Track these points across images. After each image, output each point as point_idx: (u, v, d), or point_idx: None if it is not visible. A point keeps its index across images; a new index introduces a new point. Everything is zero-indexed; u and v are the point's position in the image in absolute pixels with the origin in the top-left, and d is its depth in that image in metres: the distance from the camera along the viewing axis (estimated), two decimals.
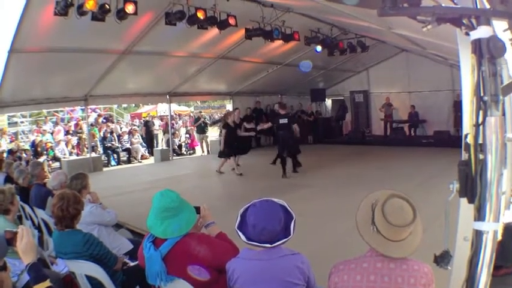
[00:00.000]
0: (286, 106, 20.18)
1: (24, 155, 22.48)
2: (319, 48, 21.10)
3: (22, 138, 31.43)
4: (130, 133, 28.94)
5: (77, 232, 5.83)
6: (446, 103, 27.99)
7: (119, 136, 27.95)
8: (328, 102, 36.00)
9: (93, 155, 24.54)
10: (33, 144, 25.22)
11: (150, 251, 4.49)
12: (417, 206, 3.49)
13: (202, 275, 4.44)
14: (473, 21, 2.69)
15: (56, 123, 29.74)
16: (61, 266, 6.50)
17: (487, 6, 2.76)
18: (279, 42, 19.31)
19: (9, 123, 33.50)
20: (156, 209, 4.61)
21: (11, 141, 28.61)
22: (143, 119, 38.06)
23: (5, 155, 19.79)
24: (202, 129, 30.06)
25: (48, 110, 31.79)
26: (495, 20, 2.79)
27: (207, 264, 4.48)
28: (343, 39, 22.64)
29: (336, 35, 22.07)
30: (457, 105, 24.99)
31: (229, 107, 31.30)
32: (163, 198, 4.63)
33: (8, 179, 11.90)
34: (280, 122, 18.24)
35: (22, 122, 34.58)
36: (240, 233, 4.17)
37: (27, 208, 9.38)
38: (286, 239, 4.13)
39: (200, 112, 38.31)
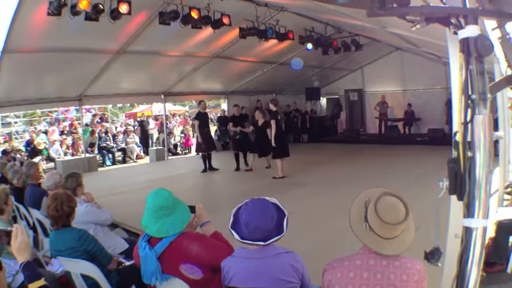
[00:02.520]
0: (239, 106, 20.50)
1: (18, 155, 22.43)
2: (310, 46, 20.99)
3: (16, 138, 31.38)
4: (125, 133, 28.88)
5: (72, 229, 5.90)
6: (440, 101, 28.05)
7: (113, 136, 27.86)
8: (323, 101, 36.02)
9: (88, 155, 24.53)
10: (28, 144, 25.18)
11: (146, 251, 4.51)
12: (410, 203, 3.52)
13: (195, 274, 4.45)
14: (462, 20, 2.72)
15: (50, 124, 29.74)
16: (56, 266, 6.52)
17: (475, 5, 2.78)
18: (273, 42, 19.36)
19: (2, 124, 33.50)
20: (150, 208, 4.63)
21: (4, 142, 28.59)
22: (138, 118, 37.98)
23: None
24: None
25: (42, 110, 31.77)
26: (484, 18, 2.82)
27: (200, 263, 4.50)
28: (338, 38, 22.68)
29: (330, 34, 22.12)
30: (450, 103, 25.02)
31: (224, 106, 31.21)
32: (157, 197, 4.66)
33: (2, 180, 11.90)
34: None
35: (16, 123, 34.50)
36: (233, 232, 4.20)
37: (22, 208, 9.36)
38: (280, 236, 4.16)
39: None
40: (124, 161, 27.13)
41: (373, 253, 3.52)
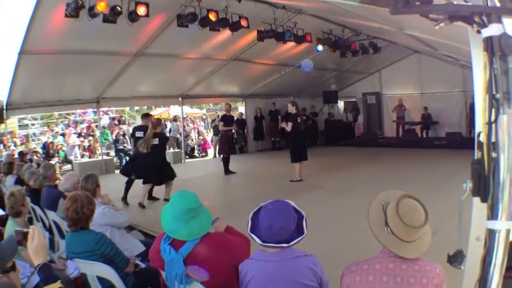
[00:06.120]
0: (149, 116, 16.24)
1: (35, 157, 22.51)
2: (320, 47, 20.93)
3: (34, 140, 31.50)
4: None
5: (90, 231, 5.90)
6: (458, 104, 28.17)
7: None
8: (341, 104, 35.96)
9: (105, 157, 24.63)
10: (45, 146, 25.31)
11: (171, 254, 4.47)
12: (429, 207, 3.49)
13: (201, 275, 4.45)
14: (485, 18, 2.69)
15: (67, 126, 29.89)
16: (71, 269, 6.51)
17: (498, 4, 2.74)
18: (291, 44, 19.38)
19: (19, 126, 33.69)
20: (178, 211, 4.57)
21: (21, 144, 28.74)
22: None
23: (15, 157, 19.83)
24: (219, 131, 29.64)
25: (59, 112, 31.88)
26: (506, 17, 2.78)
27: (208, 265, 4.48)
28: (355, 40, 22.65)
29: (348, 37, 22.09)
30: (471, 107, 24.94)
31: (241, 109, 31.14)
32: (184, 200, 4.62)
33: (19, 181, 11.94)
34: (136, 135, 15.04)
35: (33, 125, 34.62)
36: (254, 236, 4.19)
37: (38, 210, 9.38)
38: (301, 237, 4.16)
39: (217, 113, 38.13)
40: None
41: (392, 256, 3.49)
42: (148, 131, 14.35)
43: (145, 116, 15.96)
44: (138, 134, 14.87)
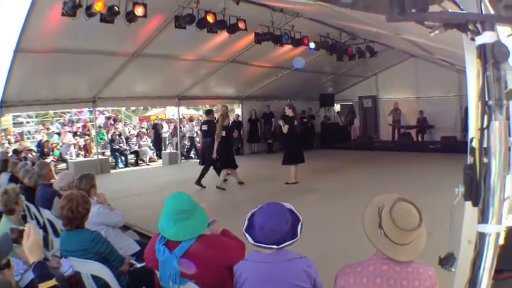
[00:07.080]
0: (212, 112, 19.36)
1: (30, 155, 22.48)
2: (312, 45, 20.69)
3: (28, 138, 31.47)
4: (139, 136, 28.90)
5: (85, 230, 5.93)
6: (454, 108, 28.31)
7: (127, 138, 27.87)
8: (337, 107, 36.01)
9: (101, 156, 24.65)
10: (39, 145, 25.30)
11: (165, 255, 4.49)
12: (423, 210, 3.52)
13: (189, 268, 4.45)
14: (479, 26, 2.73)
15: (63, 125, 29.86)
16: (65, 267, 6.53)
17: (492, 11, 2.79)
18: (288, 47, 19.34)
19: (14, 123, 33.67)
20: (168, 211, 4.61)
21: (15, 141, 28.73)
22: (152, 121, 37.99)
23: (9, 154, 19.79)
24: None
25: (55, 111, 31.86)
26: (499, 25, 2.82)
27: (198, 260, 4.48)
28: (352, 44, 22.69)
29: (344, 40, 22.13)
30: (466, 111, 24.91)
31: (238, 111, 31.11)
32: (176, 201, 4.64)
33: (13, 179, 11.94)
34: (202, 129, 18.47)
35: (28, 122, 34.57)
36: (247, 235, 4.22)
37: (33, 208, 9.40)
38: (293, 241, 4.17)
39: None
40: (137, 164, 27.17)
41: (386, 259, 3.53)
42: (218, 125, 16.96)
43: (209, 111, 19.29)
44: (204, 127, 18.20)
